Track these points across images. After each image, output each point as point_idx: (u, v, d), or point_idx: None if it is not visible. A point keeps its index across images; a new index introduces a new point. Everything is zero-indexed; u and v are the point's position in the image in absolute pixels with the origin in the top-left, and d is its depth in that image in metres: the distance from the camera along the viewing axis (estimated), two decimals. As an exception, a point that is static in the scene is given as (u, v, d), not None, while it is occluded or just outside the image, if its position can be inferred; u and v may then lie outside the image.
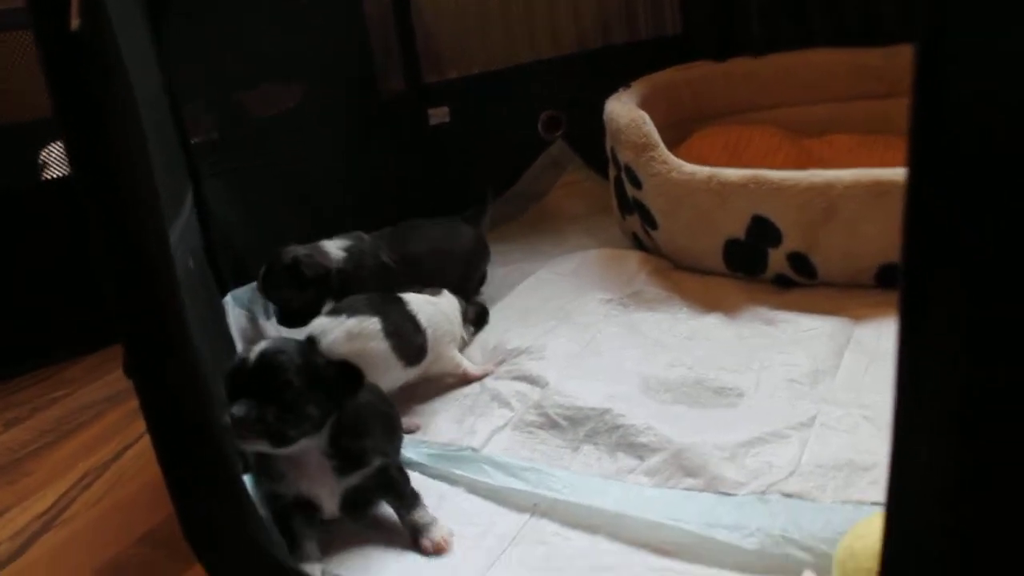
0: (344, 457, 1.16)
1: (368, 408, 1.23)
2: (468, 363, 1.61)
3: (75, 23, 0.81)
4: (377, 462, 1.18)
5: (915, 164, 0.45)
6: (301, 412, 1.10)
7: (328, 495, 1.17)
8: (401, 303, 1.54)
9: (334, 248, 1.74)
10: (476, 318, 1.77)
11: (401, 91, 2.40)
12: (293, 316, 1.67)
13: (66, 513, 1.48)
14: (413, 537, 1.18)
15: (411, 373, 1.51)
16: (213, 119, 2.04)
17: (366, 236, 1.82)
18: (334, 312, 1.46)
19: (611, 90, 2.18)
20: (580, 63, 2.51)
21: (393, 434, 1.33)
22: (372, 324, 1.43)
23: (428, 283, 1.70)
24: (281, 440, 1.09)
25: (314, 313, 1.55)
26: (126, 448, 1.65)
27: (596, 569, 1.08)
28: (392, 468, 1.20)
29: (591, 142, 2.18)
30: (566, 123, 2.53)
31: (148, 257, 0.87)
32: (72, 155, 0.87)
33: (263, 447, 1.10)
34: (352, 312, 1.43)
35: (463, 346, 1.68)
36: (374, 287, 1.65)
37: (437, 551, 1.15)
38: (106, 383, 1.96)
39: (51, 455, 1.68)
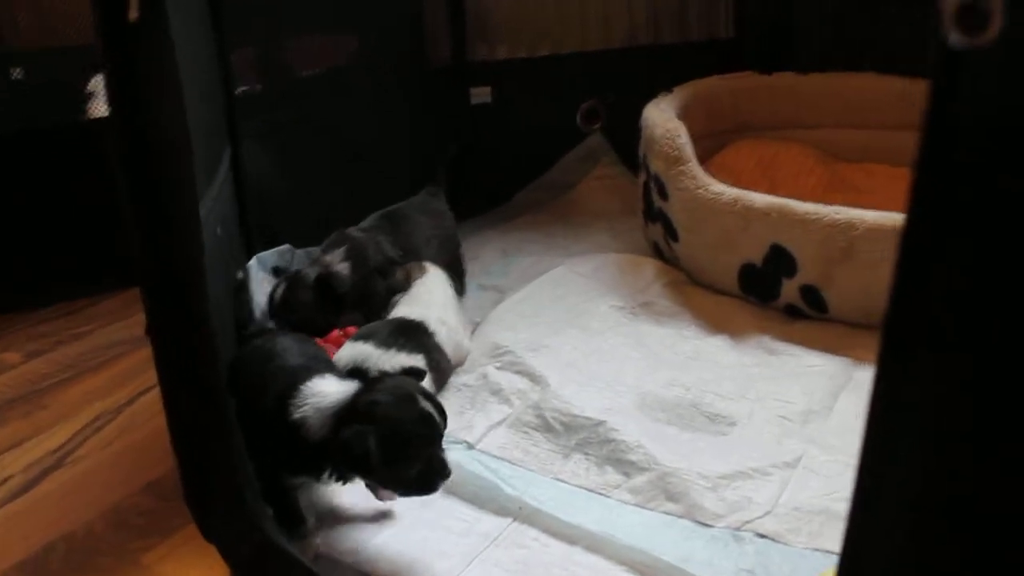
0: None
1: None
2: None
3: (133, 14, 0.86)
4: None
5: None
6: None
7: None
8: (429, 335, 1.55)
9: (336, 259, 1.68)
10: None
11: (446, 65, 2.41)
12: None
13: (77, 452, 1.53)
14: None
15: None
16: (257, 69, 2.01)
17: (356, 234, 1.76)
18: (375, 341, 1.47)
19: (655, 87, 2.19)
20: (627, 58, 2.49)
21: None
22: (420, 361, 1.47)
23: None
24: None
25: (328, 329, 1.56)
26: (140, 394, 1.69)
27: (570, 580, 1.13)
28: None
29: (629, 138, 2.18)
30: (606, 116, 2.53)
31: (176, 235, 0.92)
32: (118, 131, 0.92)
33: None
34: (400, 347, 1.47)
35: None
36: (384, 288, 1.68)
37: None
38: (130, 324, 1.97)
39: (67, 391, 1.73)
